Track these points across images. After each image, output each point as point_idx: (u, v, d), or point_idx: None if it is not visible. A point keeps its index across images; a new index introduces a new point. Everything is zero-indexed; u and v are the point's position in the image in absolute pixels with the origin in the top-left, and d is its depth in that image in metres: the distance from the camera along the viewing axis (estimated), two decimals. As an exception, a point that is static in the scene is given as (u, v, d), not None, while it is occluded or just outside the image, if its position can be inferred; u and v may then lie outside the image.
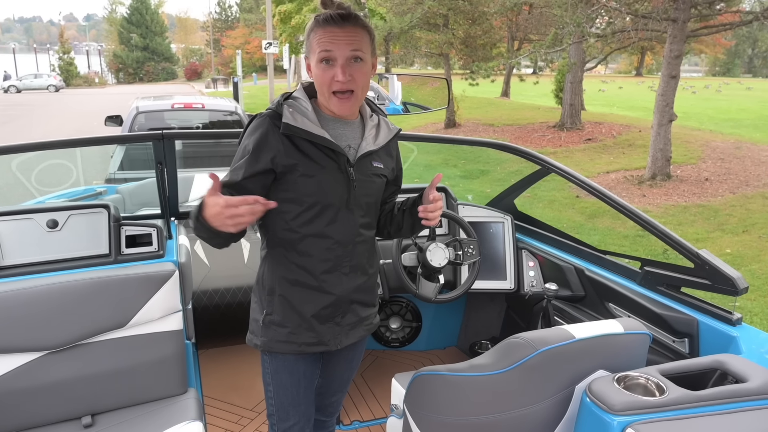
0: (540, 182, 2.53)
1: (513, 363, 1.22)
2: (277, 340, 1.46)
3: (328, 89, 1.34)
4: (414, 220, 1.52)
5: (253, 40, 40.92)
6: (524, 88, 22.19)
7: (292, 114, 1.35)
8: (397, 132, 1.52)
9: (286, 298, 1.44)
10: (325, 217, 1.40)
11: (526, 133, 12.97)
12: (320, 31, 1.33)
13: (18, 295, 1.66)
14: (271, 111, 1.38)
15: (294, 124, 1.33)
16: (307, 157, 1.36)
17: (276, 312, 1.46)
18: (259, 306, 1.50)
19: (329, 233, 1.41)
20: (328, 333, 1.48)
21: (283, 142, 1.35)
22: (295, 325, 1.45)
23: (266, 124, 1.36)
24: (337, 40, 1.31)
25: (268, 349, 1.48)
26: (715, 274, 1.63)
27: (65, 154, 3.95)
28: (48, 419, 1.74)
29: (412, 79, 2.83)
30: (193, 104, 6.23)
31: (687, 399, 1.13)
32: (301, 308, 1.45)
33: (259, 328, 1.48)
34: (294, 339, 1.46)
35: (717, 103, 22.35)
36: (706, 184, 8.15)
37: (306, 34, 1.38)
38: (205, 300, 2.68)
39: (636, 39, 10.35)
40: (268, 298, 1.46)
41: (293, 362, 1.50)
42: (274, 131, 1.35)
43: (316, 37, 1.33)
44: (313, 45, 1.34)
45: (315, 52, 1.34)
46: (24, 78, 35.65)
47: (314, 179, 1.37)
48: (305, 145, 1.36)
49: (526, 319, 2.54)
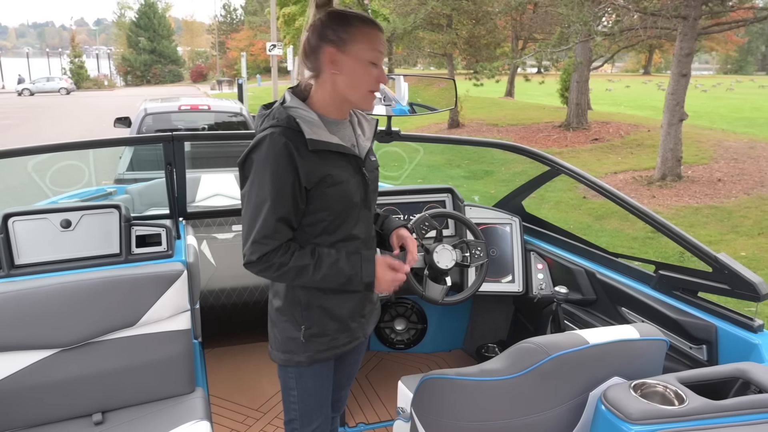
0: (547, 183, 2.50)
1: (525, 368, 1.19)
2: (320, 351, 1.46)
3: (368, 88, 1.36)
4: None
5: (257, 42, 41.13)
6: (529, 87, 22.07)
7: (309, 127, 1.32)
8: (376, 122, 1.55)
9: (324, 307, 1.44)
10: (352, 220, 1.42)
11: (531, 133, 12.90)
12: (369, 32, 1.32)
13: (32, 294, 1.70)
14: (283, 128, 1.30)
15: (317, 138, 1.31)
16: (333, 166, 1.36)
17: (315, 324, 1.45)
18: (293, 324, 1.45)
19: (356, 234, 1.43)
20: (358, 328, 1.52)
21: (309, 157, 1.31)
22: (334, 330, 1.46)
23: (288, 143, 1.29)
24: (383, 46, 1.36)
25: (312, 362, 1.47)
26: (734, 278, 1.58)
27: (78, 155, 4.00)
28: (60, 416, 1.77)
29: (418, 80, 2.80)
30: (200, 106, 6.32)
31: (708, 409, 1.09)
32: (339, 312, 1.46)
33: (299, 346, 1.45)
34: (334, 344, 1.47)
35: (729, 101, 22.16)
36: (718, 184, 8.05)
37: (348, 25, 1.31)
38: (211, 299, 2.69)
39: (644, 37, 10.26)
40: (306, 312, 1.44)
41: (319, 365, 1.50)
42: (298, 149, 1.30)
43: (365, 36, 1.32)
44: (359, 42, 1.31)
45: (362, 50, 1.32)
46: (37, 81, 36.47)
47: (341, 186, 1.37)
48: (327, 155, 1.35)
49: (534, 322, 2.50)
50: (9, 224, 1.81)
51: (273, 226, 1.30)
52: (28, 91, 34.18)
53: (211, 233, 2.62)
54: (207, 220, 2.60)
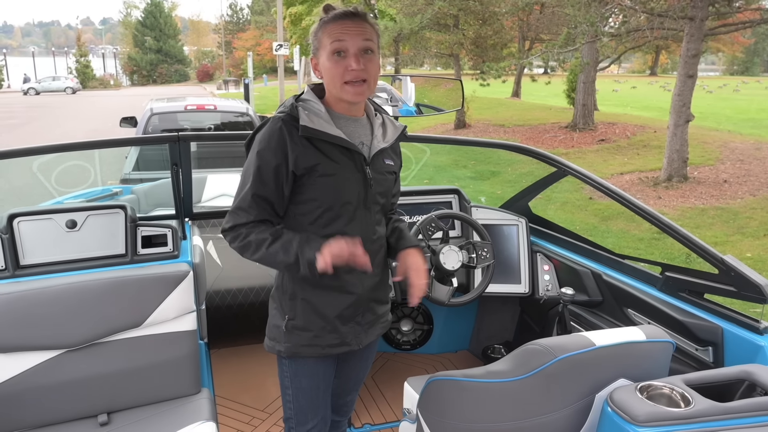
0: (553, 184, 2.49)
1: (531, 370, 1.19)
2: (301, 345, 1.46)
3: (340, 80, 1.34)
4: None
5: (263, 41, 41.21)
6: (535, 88, 22.01)
7: (308, 116, 1.35)
8: (403, 129, 1.53)
9: (309, 301, 1.44)
10: (345, 217, 1.41)
11: (538, 134, 12.86)
12: (331, 26, 1.34)
13: (37, 294, 1.69)
14: (285, 114, 1.37)
15: (312, 126, 1.33)
16: (326, 157, 1.37)
17: (299, 317, 1.45)
18: (279, 312, 1.49)
19: (349, 232, 1.41)
20: (350, 333, 1.49)
21: (302, 143, 1.35)
22: (319, 328, 1.45)
23: (283, 127, 1.35)
24: (349, 32, 1.32)
25: (291, 354, 1.47)
26: (740, 280, 1.58)
27: (83, 156, 4.00)
28: (65, 416, 1.77)
29: (425, 81, 2.80)
30: (206, 106, 6.29)
31: (714, 411, 1.09)
32: (325, 310, 1.45)
33: (281, 334, 1.47)
34: (318, 342, 1.46)
35: (735, 102, 22.01)
36: (724, 186, 8.01)
37: (313, 33, 1.38)
38: (217, 300, 2.69)
39: (651, 38, 10.21)
40: (290, 303, 1.46)
41: (313, 365, 1.50)
42: (291, 134, 1.35)
43: (327, 32, 1.34)
44: (323, 40, 1.34)
45: (326, 46, 1.34)
46: (43, 80, 36.47)
47: (333, 179, 1.37)
48: (323, 145, 1.36)
49: (540, 323, 2.50)
50: (14, 224, 1.81)
51: (248, 201, 1.36)
52: (33, 91, 34.26)
53: (217, 234, 2.62)
54: (213, 220, 2.60)
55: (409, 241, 1.54)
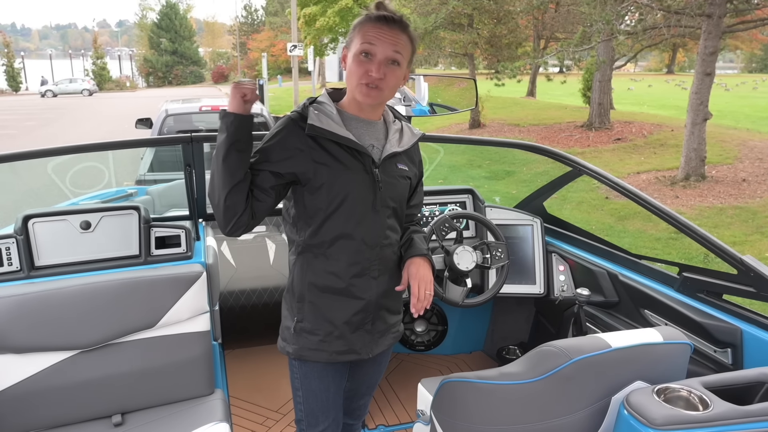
0: (569, 183, 2.47)
1: (546, 372, 1.18)
2: (309, 348, 1.46)
3: (358, 80, 1.34)
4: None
5: (278, 42, 41.38)
6: (551, 87, 21.83)
7: (317, 116, 1.37)
8: (420, 136, 1.52)
9: (316, 304, 1.44)
10: (352, 219, 1.40)
11: (553, 133, 12.75)
12: (368, 26, 1.34)
13: (52, 295, 1.70)
14: (296, 113, 1.40)
15: (319, 125, 1.34)
16: (333, 158, 1.37)
17: (307, 319, 1.45)
18: (289, 313, 1.50)
19: (356, 234, 1.40)
20: (359, 341, 1.47)
21: (307, 142, 1.36)
22: (326, 332, 1.45)
23: (290, 125, 1.38)
24: (382, 37, 1.33)
25: (299, 356, 1.48)
26: (760, 281, 1.55)
27: (98, 157, 4.04)
28: (80, 417, 1.78)
29: (438, 80, 2.79)
30: (221, 107, 6.28)
31: (733, 414, 1.07)
32: (332, 315, 1.44)
33: (290, 336, 1.48)
34: (325, 347, 1.45)
35: (753, 100, 21.57)
36: (743, 185, 7.87)
37: (352, 26, 1.38)
38: (231, 301, 2.70)
39: (668, 36, 10.05)
40: (298, 305, 1.46)
41: (322, 368, 1.49)
42: (298, 132, 1.36)
43: (362, 30, 1.34)
44: (357, 37, 1.35)
45: (356, 44, 1.34)
46: (60, 83, 36.99)
47: (340, 180, 1.37)
48: (331, 145, 1.37)
49: (556, 324, 2.48)
50: (29, 226, 1.82)
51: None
52: (51, 93, 34.69)
53: None
54: None
55: (417, 249, 1.50)
